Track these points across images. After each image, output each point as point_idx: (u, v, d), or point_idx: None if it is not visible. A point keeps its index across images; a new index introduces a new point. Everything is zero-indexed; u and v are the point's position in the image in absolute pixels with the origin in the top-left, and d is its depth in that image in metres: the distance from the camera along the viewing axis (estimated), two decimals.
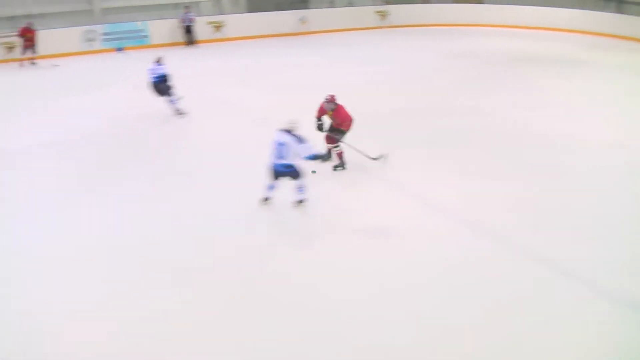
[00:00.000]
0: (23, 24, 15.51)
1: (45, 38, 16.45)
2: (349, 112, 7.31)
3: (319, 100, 7.44)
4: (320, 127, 7.39)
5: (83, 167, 8.19)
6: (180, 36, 17.79)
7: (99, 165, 8.26)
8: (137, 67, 12.77)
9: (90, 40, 17.19)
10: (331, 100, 7.20)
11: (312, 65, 15.03)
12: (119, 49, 17.42)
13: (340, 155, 7.48)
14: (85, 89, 12.75)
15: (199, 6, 18.63)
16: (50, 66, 15.28)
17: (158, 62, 9.81)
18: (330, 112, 7.26)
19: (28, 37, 15.35)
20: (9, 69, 15.32)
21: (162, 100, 10.07)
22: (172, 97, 9.94)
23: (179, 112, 10.08)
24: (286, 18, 19.20)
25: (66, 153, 8.77)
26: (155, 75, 9.73)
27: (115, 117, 10.54)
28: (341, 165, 7.54)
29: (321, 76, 13.38)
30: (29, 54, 15.46)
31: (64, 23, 17.46)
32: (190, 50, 17.43)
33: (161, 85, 9.76)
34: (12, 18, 16.59)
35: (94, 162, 8.39)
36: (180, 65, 11.78)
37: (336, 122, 7.30)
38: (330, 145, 7.51)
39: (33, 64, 15.51)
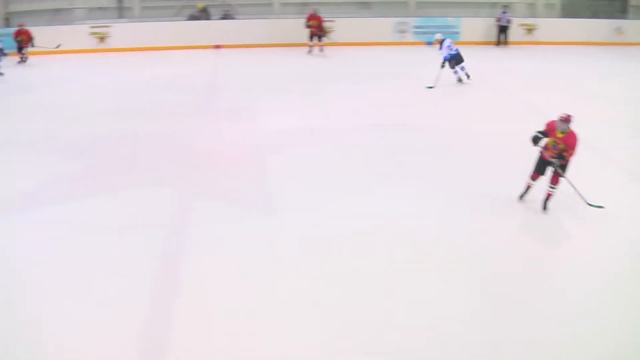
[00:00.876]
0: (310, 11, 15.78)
1: (357, 26, 17.46)
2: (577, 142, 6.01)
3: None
4: (536, 141, 6.15)
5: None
6: (492, 35, 17.54)
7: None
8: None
9: (401, 32, 17.79)
10: (566, 119, 5.93)
11: (620, 78, 13.60)
12: (429, 43, 17.66)
13: (530, 188, 6.48)
14: (386, 77, 13.07)
15: (513, 7, 18.21)
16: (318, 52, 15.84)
17: (443, 40, 12.00)
18: (561, 134, 5.96)
19: (313, 24, 15.65)
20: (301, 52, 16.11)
21: (455, 68, 12.04)
22: (464, 65, 12.18)
23: (468, 77, 12.28)
24: (601, 26, 17.82)
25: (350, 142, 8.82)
26: (455, 50, 11.94)
27: (408, 108, 10.71)
28: (524, 194, 6.57)
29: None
30: (315, 41, 15.83)
31: (378, 13, 18.37)
32: (500, 51, 17.11)
33: (459, 57, 12.01)
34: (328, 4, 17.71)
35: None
36: (489, 64, 11.95)
37: (559, 146, 6.02)
38: (552, 189, 6.26)
39: (321, 51, 15.92)
